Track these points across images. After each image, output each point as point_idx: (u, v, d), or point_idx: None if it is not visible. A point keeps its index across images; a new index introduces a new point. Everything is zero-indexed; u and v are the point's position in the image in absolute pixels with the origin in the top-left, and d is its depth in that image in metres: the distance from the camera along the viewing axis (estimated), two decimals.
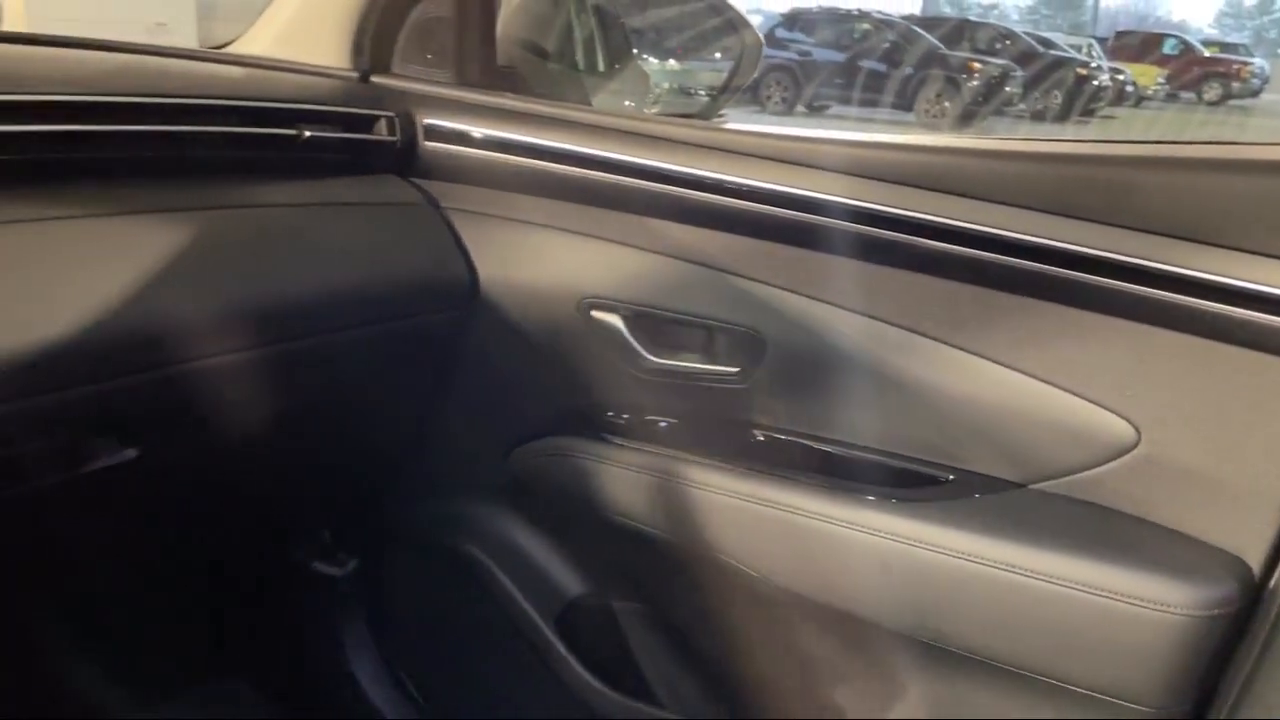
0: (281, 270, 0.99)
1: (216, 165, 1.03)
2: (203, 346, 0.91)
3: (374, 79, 1.20)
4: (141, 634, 1.28)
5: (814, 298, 1.01)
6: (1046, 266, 0.90)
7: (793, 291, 1.02)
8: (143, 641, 1.29)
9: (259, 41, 1.22)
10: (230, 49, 1.25)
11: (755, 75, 1.59)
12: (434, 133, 1.16)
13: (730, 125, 1.14)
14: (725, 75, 1.56)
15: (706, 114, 1.57)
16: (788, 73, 12.56)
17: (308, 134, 1.06)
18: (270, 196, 1.04)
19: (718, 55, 1.60)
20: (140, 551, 1.11)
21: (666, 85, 1.85)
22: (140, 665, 1.32)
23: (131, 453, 0.92)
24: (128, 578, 1.13)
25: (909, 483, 1.00)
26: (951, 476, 0.99)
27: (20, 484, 0.85)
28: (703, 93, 1.75)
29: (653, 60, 1.73)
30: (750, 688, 1.14)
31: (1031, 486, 0.96)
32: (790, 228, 1.00)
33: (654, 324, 1.10)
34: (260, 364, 0.96)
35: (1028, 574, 0.89)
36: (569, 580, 1.26)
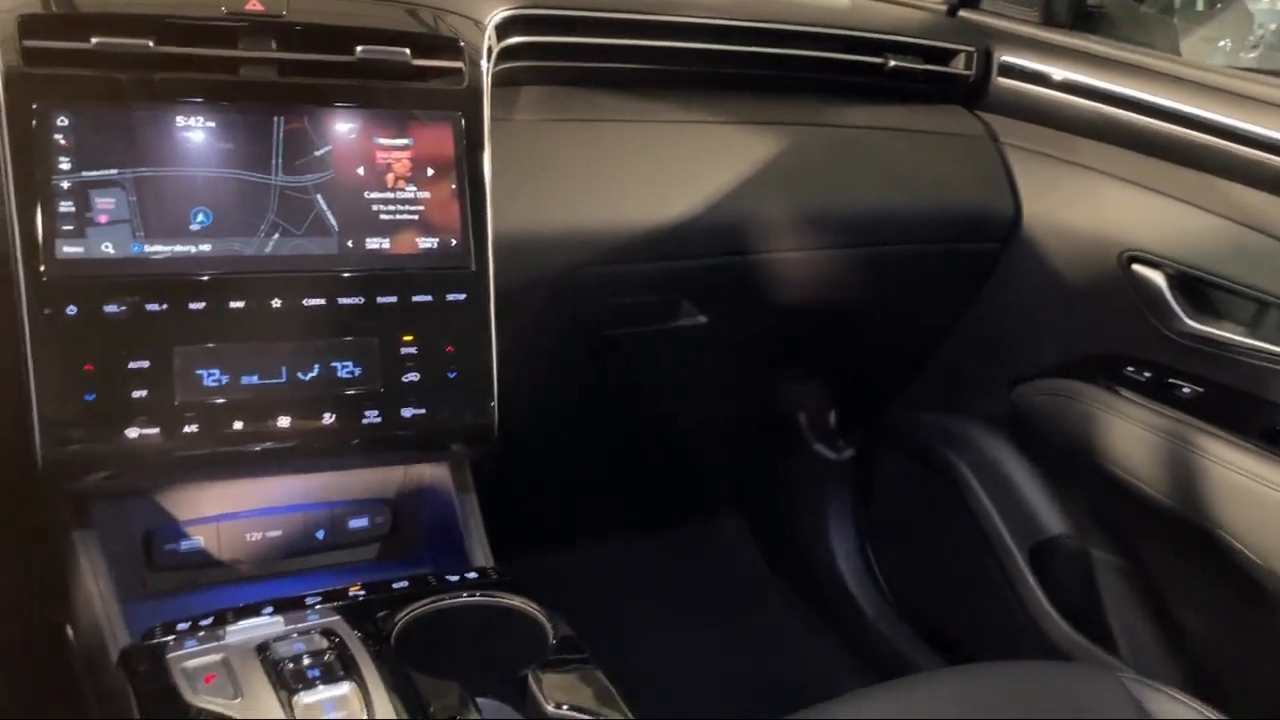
0: (853, 185, 1.13)
1: (809, 85, 1.18)
2: (777, 241, 1.08)
3: (961, 14, 1.27)
4: (670, 465, 1.55)
5: None
6: None
7: None
8: (670, 471, 1.57)
9: None
10: None
11: None
12: (1009, 70, 1.21)
13: None
14: None
15: None
16: None
17: (892, 63, 1.17)
18: (851, 118, 1.17)
19: None
20: (689, 399, 1.35)
21: (1275, 26, 1.67)
22: (664, 491, 1.60)
23: (703, 318, 1.13)
24: (675, 418, 1.38)
25: None
26: None
27: (636, 326, 1.10)
28: None
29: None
30: (1225, 669, 1.12)
31: None
32: None
33: (1200, 287, 1.07)
34: (819, 263, 1.11)
35: None
36: (1051, 517, 1.30)
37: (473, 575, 0.78)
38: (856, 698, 0.88)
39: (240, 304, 0.79)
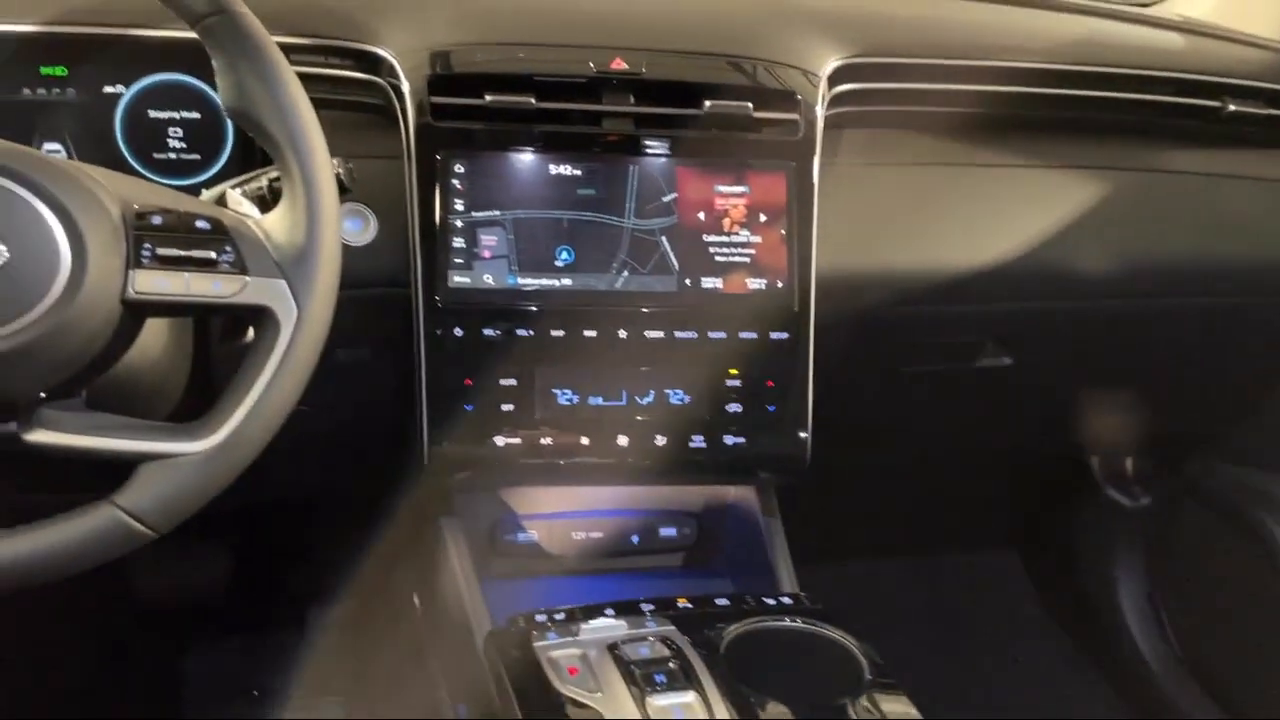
0: (1176, 233, 1.09)
1: (1133, 128, 1.15)
2: (1092, 288, 1.07)
3: None
4: (955, 495, 1.54)
5: None
6: None
7: None
8: (952, 500, 1.56)
9: (1200, 4, 1.28)
10: (1166, 6, 1.33)
11: None
12: None
13: None
14: None
15: None
16: None
17: (1231, 108, 1.11)
18: (1177, 163, 1.13)
19: None
20: (981, 433, 1.35)
21: None
22: (944, 519, 1.59)
23: (1007, 360, 1.14)
24: (966, 450, 1.38)
25: None
26: None
27: (938, 364, 1.12)
28: None
29: None
30: None
31: None
32: None
33: None
34: (1135, 313, 1.09)
35: None
36: None
37: (787, 600, 0.84)
38: None
39: (592, 333, 0.89)
